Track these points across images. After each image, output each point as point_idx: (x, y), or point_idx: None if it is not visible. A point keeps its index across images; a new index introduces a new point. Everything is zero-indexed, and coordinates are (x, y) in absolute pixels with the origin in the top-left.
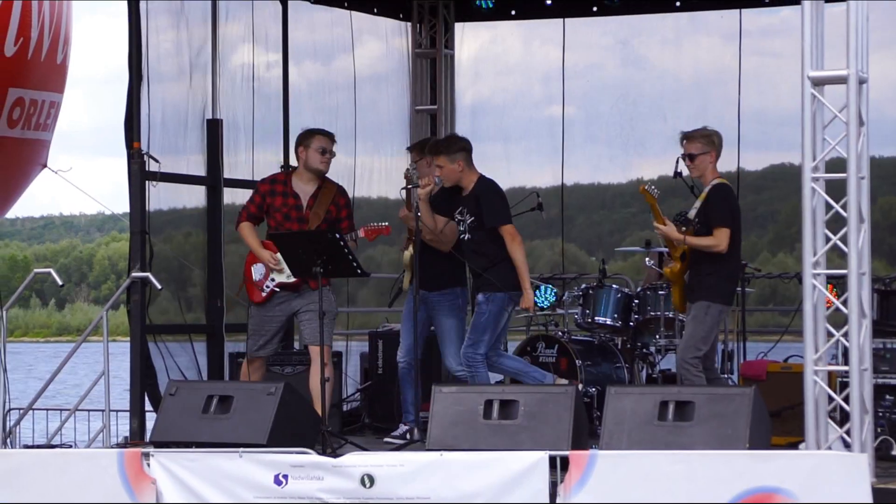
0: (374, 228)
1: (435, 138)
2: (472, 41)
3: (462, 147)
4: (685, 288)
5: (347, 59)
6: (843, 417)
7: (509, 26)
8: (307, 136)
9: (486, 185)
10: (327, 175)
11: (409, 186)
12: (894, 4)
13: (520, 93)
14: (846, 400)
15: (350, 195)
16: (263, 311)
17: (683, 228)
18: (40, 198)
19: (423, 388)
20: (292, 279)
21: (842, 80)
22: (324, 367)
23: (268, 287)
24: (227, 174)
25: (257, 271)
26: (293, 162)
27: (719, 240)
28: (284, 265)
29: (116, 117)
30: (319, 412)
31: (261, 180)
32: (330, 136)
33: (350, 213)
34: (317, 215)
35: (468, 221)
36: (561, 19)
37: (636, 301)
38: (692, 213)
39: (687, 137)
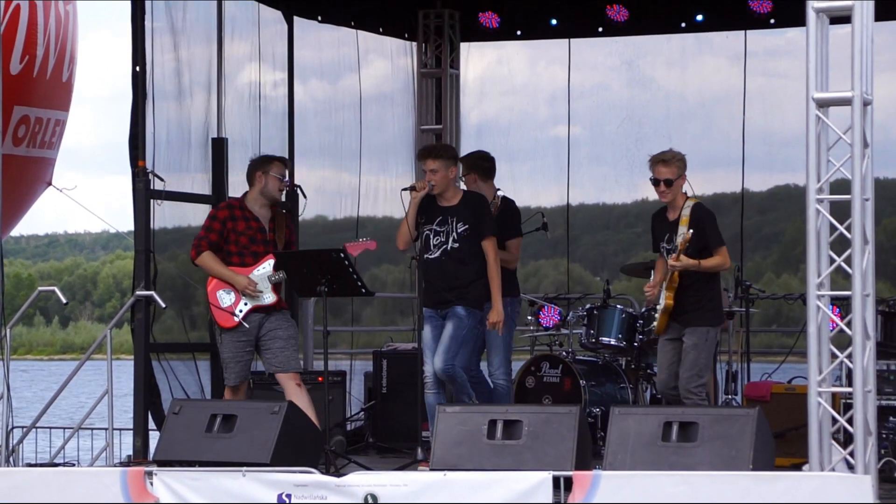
0: (359, 244)
1: (429, 145)
2: (479, 61)
3: (455, 156)
4: (677, 313)
5: (353, 79)
6: (846, 439)
7: (515, 46)
8: (266, 161)
9: (480, 196)
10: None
11: (407, 189)
12: None
13: (525, 113)
14: (850, 421)
15: (355, 214)
16: (236, 336)
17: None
18: (45, 216)
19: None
20: (270, 301)
21: (846, 102)
22: (326, 388)
23: (241, 311)
24: (232, 193)
25: (225, 297)
26: (295, 180)
27: (726, 258)
28: (263, 288)
29: (122, 135)
30: None
31: (216, 208)
32: (285, 163)
33: (297, 237)
34: (280, 238)
35: (459, 230)
36: (566, 39)
37: (640, 321)
38: (680, 240)
39: (663, 161)
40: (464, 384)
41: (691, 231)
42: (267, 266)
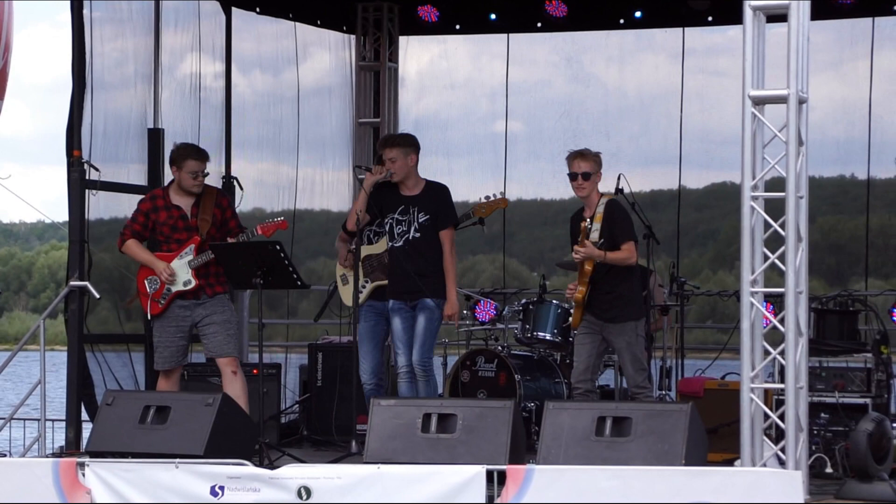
0: (270, 224)
1: (389, 134)
2: (422, 55)
3: (414, 143)
4: (595, 308)
5: (292, 71)
6: (778, 435)
7: (458, 41)
8: (180, 156)
9: (442, 186)
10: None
11: (359, 166)
12: (841, 26)
13: (466, 108)
14: (782, 417)
15: (292, 207)
16: (164, 322)
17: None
18: None
19: (362, 400)
20: (189, 287)
21: (782, 100)
22: (261, 380)
23: (165, 297)
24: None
25: (151, 284)
26: (232, 172)
27: (631, 252)
28: (178, 274)
29: (61, 126)
30: None
31: (140, 200)
32: (201, 159)
33: (234, 212)
34: (205, 221)
35: (421, 219)
36: (505, 34)
37: None
38: (595, 236)
39: (581, 155)
40: (434, 379)
41: (602, 213)
42: (188, 252)
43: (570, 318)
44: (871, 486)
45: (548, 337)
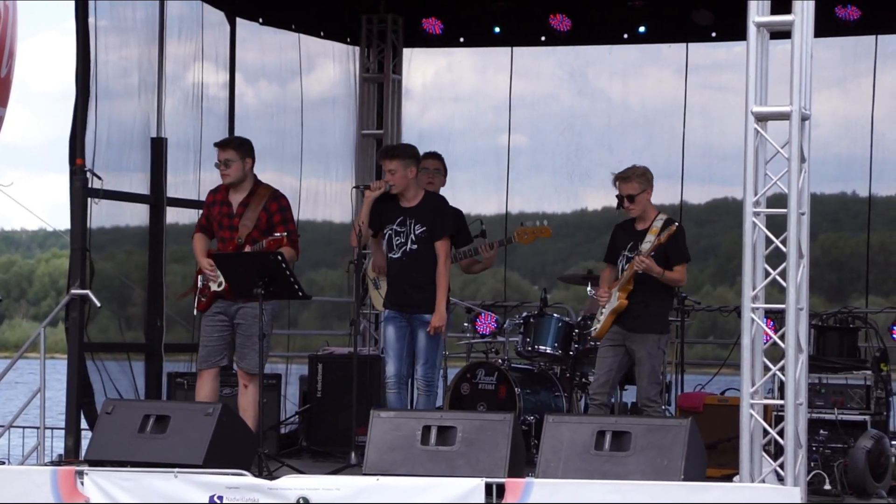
0: (274, 239)
1: (390, 145)
2: (428, 67)
3: (415, 155)
4: (624, 319)
5: (297, 82)
6: (777, 451)
7: (464, 54)
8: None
9: (439, 197)
10: (266, 183)
11: (360, 187)
12: (845, 43)
13: (470, 120)
14: (781, 434)
15: (296, 218)
16: (205, 320)
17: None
18: None
19: (362, 411)
20: (220, 288)
21: (785, 117)
22: (261, 389)
23: (206, 295)
24: (175, 193)
25: (202, 280)
26: None
27: (684, 276)
28: (218, 275)
29: (67, 133)
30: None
31: (209, 191)
32: (221, 146)
33: (285, 218)
34: (245, 225)
35: (417, 231)
36: (509, 48)
37: (576, 330)
38: (646, 248)
39: (622, 178)
40: (435, 393)
41: (667, 232)
42: None
43: (594, 328)
44: None
45: (548, 350)
